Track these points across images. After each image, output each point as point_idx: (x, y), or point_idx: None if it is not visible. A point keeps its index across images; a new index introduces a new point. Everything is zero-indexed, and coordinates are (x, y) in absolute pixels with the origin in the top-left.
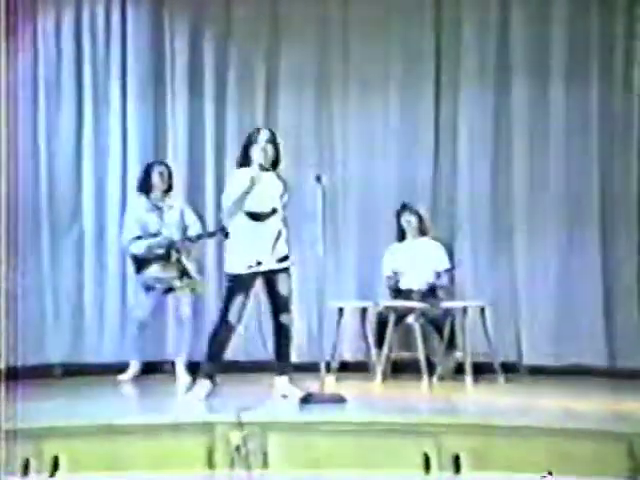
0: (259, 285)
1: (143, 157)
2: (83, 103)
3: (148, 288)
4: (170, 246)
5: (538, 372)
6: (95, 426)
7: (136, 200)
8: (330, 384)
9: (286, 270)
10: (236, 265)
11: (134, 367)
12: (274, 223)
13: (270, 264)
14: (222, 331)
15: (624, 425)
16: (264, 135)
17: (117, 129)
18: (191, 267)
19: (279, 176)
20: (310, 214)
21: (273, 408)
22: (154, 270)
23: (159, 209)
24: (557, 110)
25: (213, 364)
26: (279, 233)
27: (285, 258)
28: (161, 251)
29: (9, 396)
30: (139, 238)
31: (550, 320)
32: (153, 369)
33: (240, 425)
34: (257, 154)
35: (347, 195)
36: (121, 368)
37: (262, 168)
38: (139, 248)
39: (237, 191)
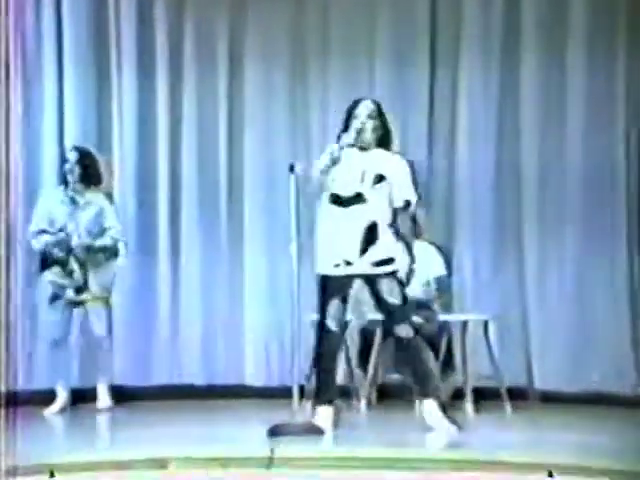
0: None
1: (84, 145)
2: (9, 82)
3: (53, 297)
4: (69, 251)
5: (551, 399)
6: (24, 467)
7: (53, 189)
8: (305, 412)
9: (391, 274)
10: (323, 264)
11: (62, 397)
12: (360, 213)
13: (363, 267)
14: (325, 343)
15: None
16: (365, 109)
17: (52, 113)
18: (95, 280)
19: (390, 157)
20: (282, 209)
21: (235, 441)
22: (51, 274)
23: (74, 203)
24: (575, 85)
25: (327, 385)
26: (371, 228)
27: (387, 261)
28: (58, 253)
29: None
30: (44, 232)
31: (566, 338)
32: (88, 398)
33: (270, 460)
34: (353, 130)
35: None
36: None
37: (356, 146)
38: (40, 244)
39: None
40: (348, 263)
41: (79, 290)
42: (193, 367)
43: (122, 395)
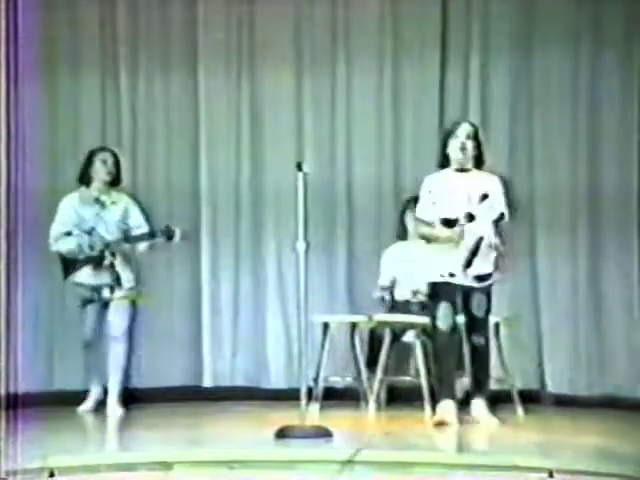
0: None
1: (89, 142)
2: (9, 77)
3: (85, 302)
4: (104, 247)
5: (565, 403)
6: (24, 469)
7: (74, 191)
8: (313, 415)
9: (483, 290)
10: (432, 273)
11: (95, 394)
12: (471, 230)
13: (464, 279)
14: (438, 341)
15: None
16: (464, 130)
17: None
18: (126, 276)
19: (486, 176)
20: (290, 208)
21: (242, 443)
22: (83, 275)
23: (99, 203)
24: (591, 84)
25: (446, 381)
26: (476, 245)
27: (486, 276)
28: (92, 252)
29: None
30: (69, 234)
31: (579, 340)
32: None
33: (350, 463)
34: (454, 151)
35: (334, 186)
36: (53, 398)
37: (458, 168)
38: (67, 246)
39: (426, 201)
40: (451, 275)
41: (113, 288)
42: (200, 369)
43: (128, 397)
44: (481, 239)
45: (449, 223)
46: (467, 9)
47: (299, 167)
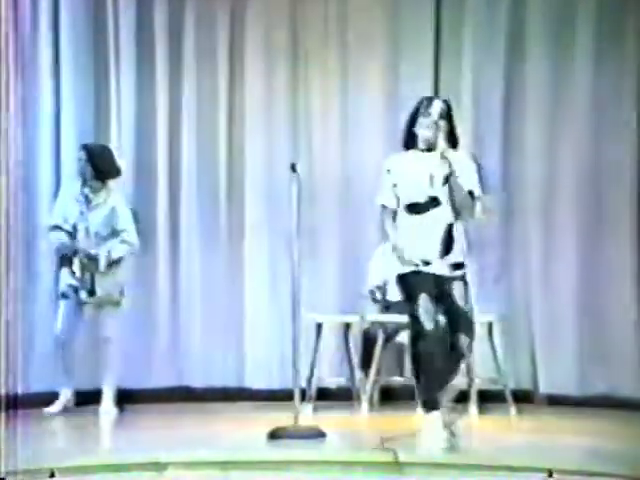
0: None
1: (81, 141)
2: (6, 74)
3: (63, 295)
4: (73, 253)
5: (558, 403)
6: (24, 470)
7: (71, 184)
8: (306, 415)
9: (461, 278)
10: (401, 267)
11: (64, 396)
12: (438, 215)
13: (441, 268)
14: (421, 343)
15: None
16: (437, 107)
17: (48, 106)
18: (102, 282)
19: (443, 156)
20: (283, 209)
21: (235, 444)
22: (65, 273)
23: (87, 201)
24: (583, 81)
25: (429, 390)
26: (449, 228)
27: (460, 265)
28: (66, 254)
29: None
30: (57, 228)
31: (573, 339)
32: (90, 400)
33: (398, 464)
34: (424, 130)
35: (327, 186)
36: (52, 399)
37: (424, 149)
38: (52, 240)
39: (386, 183)
40: (427, 263)
41: (91, 292)
42: (192, 369)
43: (121, 398)
44: (452, 225)
45: (415, 208)
46: (460, 14)
47: (293, 168)
